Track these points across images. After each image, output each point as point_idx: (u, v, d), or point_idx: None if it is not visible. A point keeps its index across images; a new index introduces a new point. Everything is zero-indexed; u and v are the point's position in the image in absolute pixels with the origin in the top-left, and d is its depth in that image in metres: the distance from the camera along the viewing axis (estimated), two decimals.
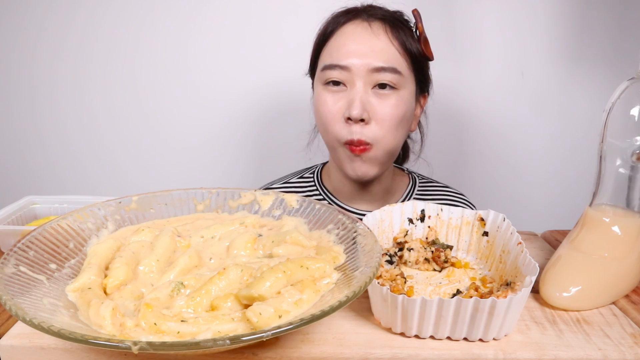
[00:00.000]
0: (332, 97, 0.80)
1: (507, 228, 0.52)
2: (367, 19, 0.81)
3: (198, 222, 0.52)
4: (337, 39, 0.81)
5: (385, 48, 0.78)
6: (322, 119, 0.81)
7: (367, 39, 0.78)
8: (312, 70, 0.88)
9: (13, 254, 0.40)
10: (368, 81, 0.78)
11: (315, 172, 0.96)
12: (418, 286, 0.51)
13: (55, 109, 1.28)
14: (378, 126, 0.78)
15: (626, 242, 0.49)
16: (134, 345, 0.30)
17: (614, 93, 0.49)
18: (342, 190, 0.90)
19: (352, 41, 0.79)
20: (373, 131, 0.78)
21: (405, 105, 0.80)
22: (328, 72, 0.80)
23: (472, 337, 0.41)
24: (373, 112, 0.78)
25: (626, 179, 0.49)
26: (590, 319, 0.46)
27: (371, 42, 0.78)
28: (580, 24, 1.20)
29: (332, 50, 0.81)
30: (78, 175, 1.33)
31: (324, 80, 0.81)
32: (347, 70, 0.78)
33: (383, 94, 0.78)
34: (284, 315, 0.36)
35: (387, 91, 0.78)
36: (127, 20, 1.22)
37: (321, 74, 0.81)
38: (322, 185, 0.93)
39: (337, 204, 0.90)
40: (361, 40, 0.78)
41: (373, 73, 0.77)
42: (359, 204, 0.90)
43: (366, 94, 0.78)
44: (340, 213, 0.50)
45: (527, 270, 0.44)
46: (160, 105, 1.28)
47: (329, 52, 0.81)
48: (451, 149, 1.26)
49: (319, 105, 0.81)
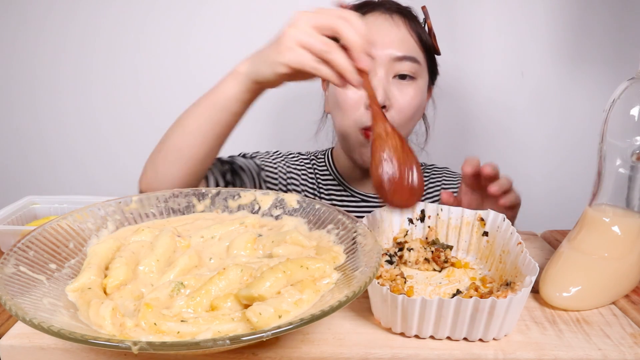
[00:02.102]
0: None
1: (507, 228, 0.52)
2: (386, 11, 0.84)
3: (198, 222, 0.52)
4: None
5: (405, 38, 0.82)
6: (342, 106, 0.83)
7: (389, 29, 0.82)
8: None
9: (13, 254, 0.40)
10: (389, 70, 0.81)
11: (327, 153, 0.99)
12: (418, 286, 0.51)
13: (55, 108, 1.28)
14: (397, 114, 0.81)
15: (626, 242, 0.49)
16: (134, 345, 0.30)
17: (614, 93, 0.49)
18: (352, 175, 0.94)
19: (375, 31, 0.81)
20: (392, 118, 0.81)
21: (422, 95, 0.85)
22: None
23: (472, 337, 0.41)
24: (394, 100, 0.81)
25: (626, 179, 0.49)
26: (590, 319, 0.46)
27: (393, 32, 0.81)
28: (580, 24, 1.20)
29: None
30: (78, 175, 1.33)
31: None
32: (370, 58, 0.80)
33: (403, 84, 0.82)
34: (283, 315, 0.36)
35: (406, 81, 0.82)
36: (128, 20, 1.22)
37: None
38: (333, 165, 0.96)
39: (345, 185, 0.94)
40: (384, 30, 0.82)
41: (394, 62, 0.80)
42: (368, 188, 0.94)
43: (388, 83, 0.81)
44: (340, 213, 0.50)
45: (527, 270, 0.44)
46: (161, 104, 1.28)
47: None
48: (450, 150, 1.26)
49: (340, 92, 0.83)
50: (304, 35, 0.56)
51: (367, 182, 0.93)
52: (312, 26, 0.56)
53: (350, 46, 0.55)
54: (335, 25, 0.55)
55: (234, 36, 1.23)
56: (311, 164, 0.96)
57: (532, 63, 1.23)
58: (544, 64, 1.23)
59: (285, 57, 0.56)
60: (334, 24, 0.55)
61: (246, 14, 1.21)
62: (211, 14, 1.21)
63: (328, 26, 0.55)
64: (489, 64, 1.23)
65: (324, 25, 0.55)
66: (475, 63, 1.22)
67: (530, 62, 1.23)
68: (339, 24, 0.55)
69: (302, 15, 0.57)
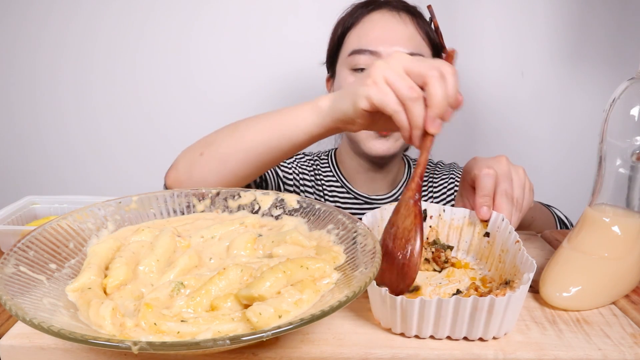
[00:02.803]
0: None
1: (505, 227, 0.52)
2: (393, 9, 0.84)
3: (198, 222, 0.52)
4: (364, 25, 0.83)
5: (412, 36, 0.82)
6: None
7: (396, 26, 0.81)
8: (331, 58, 0.90)
9: (13, 254, 0.40)
10: None
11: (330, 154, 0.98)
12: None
13: (55, 108, 1.28)
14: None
15: (626, 242, 0.49)
16: (134, 345, 0.30)
17: (614, 93, 0.49)
18: (356, 177, 0.93)
19: (382, 28, 0.81)
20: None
21: None
22: (356, 57, 0.81)
23: (472, 336, 0.41)
24: None
25: (626, 179, 0.49)
26: (590, 319, 0.46)
27: (400, 29, 0.81)
28: (580, 24, 1.20)
29: (360, 35, 0.83)
30: (78, 175, 1.33)
31: (351, 66, 0.83)
32: (377, 55, 0.80)
33: None
34: (284, 315, 0.36)
35: None
36: (128, 20, 1.22)
37: (348, 59, 0.83)
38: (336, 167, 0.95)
39: (349, 187, 0.93)
40: (391, 27, 0.81)
41: None
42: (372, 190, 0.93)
43: None
44: (340, 213, 0.50)
45: (525, 268, 0.44)
46: (161, 104, 1.28)
47: (357, 37, 0.83)
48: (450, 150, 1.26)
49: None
50: (394, 74, 0.51)
51: (371, 184, 0.93)
52: (404, 67, 0.52)
53: (432, 105, 0.50)
54: (429, 76, 0.50)
55: (234, 36, 1.23)
56: (315, 165, 0.96)
57: (532, 63, 1.23)
58: (544, 64, 1.23)
59: (369, 91, 0.52)
60: (428, 74, 0.50)
61: (246, 14, 1.21)
62: (211, 15, 1.21)
63: (420, 73, 0.51)
64: (489, 64, 1.23)
65: (416, 71, 0.51)
66: (475, 63, 1.22)
67: (530, 62, 1.23)
68: (432, 75, 0.50)
69: (398, 55, 0.53)
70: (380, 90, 0.52)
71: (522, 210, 0.59)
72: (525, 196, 0.59)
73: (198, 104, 1.27)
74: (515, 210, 0.57)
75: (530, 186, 0.61)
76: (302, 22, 1.22)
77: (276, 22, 1.22)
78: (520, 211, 0.59)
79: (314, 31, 1.19)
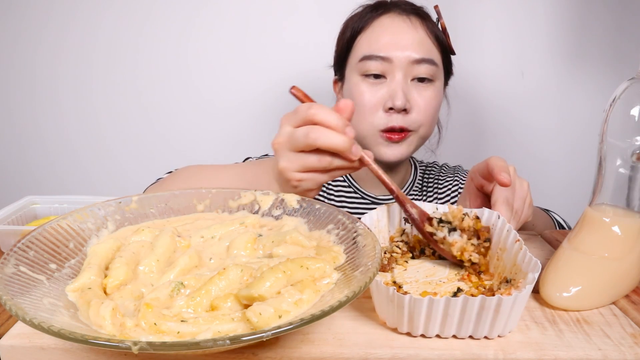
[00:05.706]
0: (370, 88, 0.82)
1: (502, 226, 0.52)
2: (402, 12, 0.83)
3: (198, 222, 0.52)
4: (374, 30, 0.83)
5: (423, 40, 0.81)
6: (359, 108, 0.83)
7: (407, 31, 0.81)
8: (339, 62, 0.89)
9: (13, 254, 0.40)
10: (408, 72, 0.81)
11: None
12: (419, 287, 0.50)
13: (55, 108, 1.28)
14: (418, 115, 0.82)
15: (626, 242, 0.49)
16: (134, 345, 0.30)
17: (614, 93, 0.49)
18: (365, 178, 0.93)
19: (392, 33, 0.81)
20: (413, 119, 0.81)
21: (440, 96, 0.86)
22: (367, 63, 0.81)
23: (477, 334, 0.41)
24: (414, 102, 0.81)
25: (626, 179, 0.49)
26: (590, 319, 0.46)
27: (411, 34, 0.81)
28: (580, 24, 1.20)
29: (370, 40, 0.82)
30: (78, 175, 1.33)
31: (362, 72, 0.82)
32: (388, 61, 0.80)
33: (421, 86, 0.82)
34: (284, 315, 0.36)
35: (424, 84, 0.82)
36: (128, 20, 1.22)
37: (359, 64, 0.83)
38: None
39: (356, 187, 0.93)
40: (401, 32, 0.81)
41: (413, 65, 0.80)
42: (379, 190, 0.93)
43: (407, 85, 0.81)
44: (340, 213, 0.50)
45: (528, 267, 0.44)
46: (161, 105, 1.28)
47: (367, 42, 0.83)
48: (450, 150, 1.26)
49: (357, 95, 0.83)
50: (299, 161, 0.55)
51: (380, 185, 0.92)
52: (291, 141, 0.55)
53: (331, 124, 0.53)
54: (308, 115, 0.53)
55: (234, 36, 1.23)
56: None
57: (532, 63, 1.23)
58: (544, 64, 1.23)
59: (295, 189, 0.57)
60: (306, 115, 0.53)
61: (246, 14, 1.21)
62: (211, 15, 1.22)
63: (302, 119, 0.54)
64: (489, 64, 1.23)
65: (300, 124, 0.54)
66: (475, 63, 1.22)
67: (530, 62, 1.23)
68: (309, 113, 0.53)
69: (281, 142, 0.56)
70: (304, 179, 0.56)
71: (519, 221, 0.60)
72: (525, 209, 0.61)
73: (198, 104, 1.27)
74: (512, 220, 0.59)
75: (530, 202, 0.62)
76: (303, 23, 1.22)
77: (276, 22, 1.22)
78: (518, 222, 0.60)
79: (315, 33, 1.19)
